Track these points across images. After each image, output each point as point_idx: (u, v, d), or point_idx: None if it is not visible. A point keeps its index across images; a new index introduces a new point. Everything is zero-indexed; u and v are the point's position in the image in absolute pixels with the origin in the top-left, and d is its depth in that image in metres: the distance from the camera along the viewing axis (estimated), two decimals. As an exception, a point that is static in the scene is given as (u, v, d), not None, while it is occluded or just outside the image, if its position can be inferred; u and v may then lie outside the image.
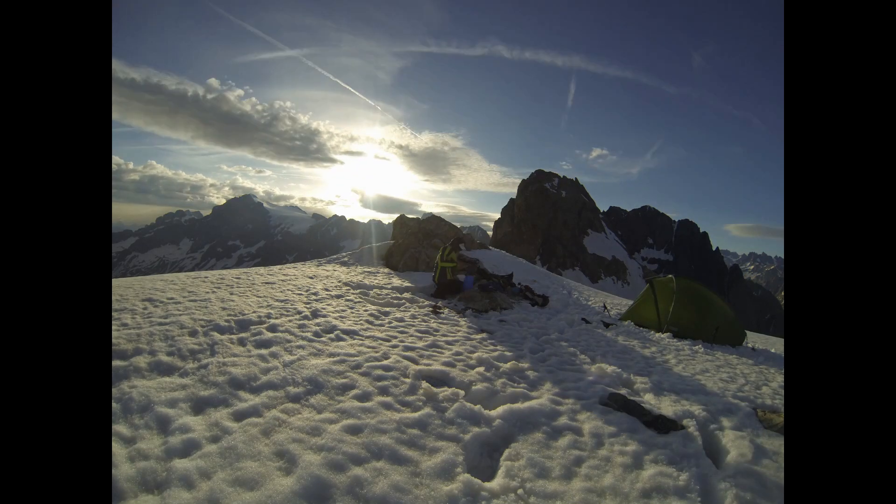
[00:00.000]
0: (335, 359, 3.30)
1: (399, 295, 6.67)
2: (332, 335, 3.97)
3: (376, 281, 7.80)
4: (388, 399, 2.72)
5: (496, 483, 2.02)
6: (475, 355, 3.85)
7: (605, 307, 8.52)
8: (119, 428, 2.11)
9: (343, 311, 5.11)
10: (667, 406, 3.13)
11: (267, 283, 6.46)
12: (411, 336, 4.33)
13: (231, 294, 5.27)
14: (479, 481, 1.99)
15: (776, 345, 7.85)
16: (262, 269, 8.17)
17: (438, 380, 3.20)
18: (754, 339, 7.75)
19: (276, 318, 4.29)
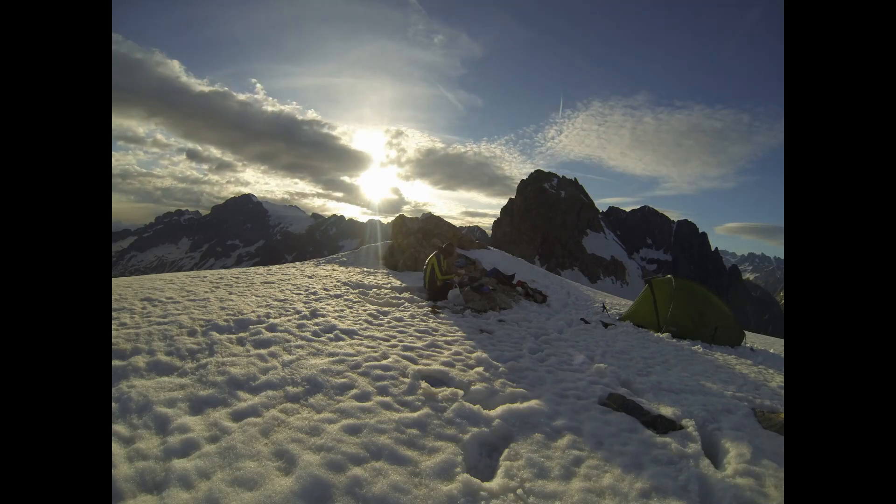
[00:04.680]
0: (334, 358, 3.30)
1: (398, 295, 6.66)
2: (331, 335, 3.97)
3: (375, 281, 7.79)
4: (388, 399, 2.71)
5: (495, 483, 2.02)
6: (474, 355, 3.84)
7: (604, 307, 8.53)
8: (118, 428, 2.10)
9: (342, 310, 5.11)
10: (666, 406, 3.13)
11: (266, 282, 6.45)
12: (410, 336, 4.33)
13: (230, 293, 5.27)
14: (478, 481, 1.99)
15: (775, 345, 7.87)
16: (261, 269, 8.17)
17: (437, 379, 3.20)
18: (753, 340, 7.77)
19: (275, 317, 4.29)
